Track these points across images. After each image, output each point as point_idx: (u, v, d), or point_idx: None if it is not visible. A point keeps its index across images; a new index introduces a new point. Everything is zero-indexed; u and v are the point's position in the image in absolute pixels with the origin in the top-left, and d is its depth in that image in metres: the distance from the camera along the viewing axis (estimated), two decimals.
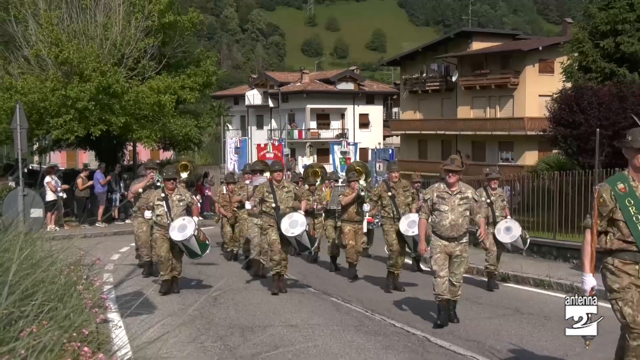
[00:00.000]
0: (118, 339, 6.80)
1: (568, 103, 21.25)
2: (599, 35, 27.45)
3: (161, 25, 26.60)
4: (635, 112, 19.71)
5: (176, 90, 26.45)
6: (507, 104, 48.54)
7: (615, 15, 26.96)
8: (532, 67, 47.09)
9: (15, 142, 16.79)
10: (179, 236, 10.72)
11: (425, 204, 9.06)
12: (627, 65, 26.16)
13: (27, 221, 10.89)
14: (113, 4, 26.16)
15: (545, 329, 8.94)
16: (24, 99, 22.12)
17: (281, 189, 11.57)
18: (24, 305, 3.98)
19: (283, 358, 7.51)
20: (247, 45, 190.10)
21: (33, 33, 25.68)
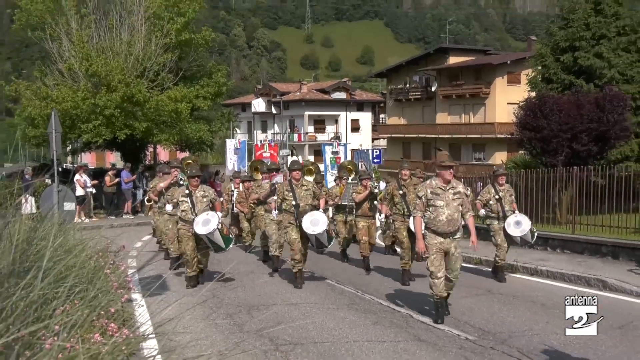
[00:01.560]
0: (140, 316, 6.78)
1: (532, 110, 21.25)
2: (559, 51, 27.48)
3: (178, 42, 26.61)
4: (590, 118, 19.79)
5: (191, 99, 26.48)
6: (480, 111, 48.58)
7: (573, 33, 27.00)
8: (501, 78, 47.18)
9: (51, 144, 16.78)
10: (203, 230, 9.85)
11: (420, 201, 8.04)
12: (583, 77, 26.21)
13: (60, 213, 10.86)
14: (136, 24, 26.16)
15: (512, 307, 8.96)
16: (58, 107, 22.10)
17: (300, 187, 10.63)
18: (58, 287, 3.97)
19: (284, 333, 7.50)
20: (253, 60, 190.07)
21: (66, 49, 25.68)
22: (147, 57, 25.83)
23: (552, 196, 15.57)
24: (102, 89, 24.44)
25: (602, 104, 20.06)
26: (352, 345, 7.05)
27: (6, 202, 6.33)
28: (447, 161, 8.04)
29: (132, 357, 4.04)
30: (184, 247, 10.43)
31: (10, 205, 5.30)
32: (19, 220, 4.81)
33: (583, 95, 21.23)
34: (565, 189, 15.09)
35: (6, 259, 3.86)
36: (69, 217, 12.81)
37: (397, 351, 6.81)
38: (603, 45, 26.37)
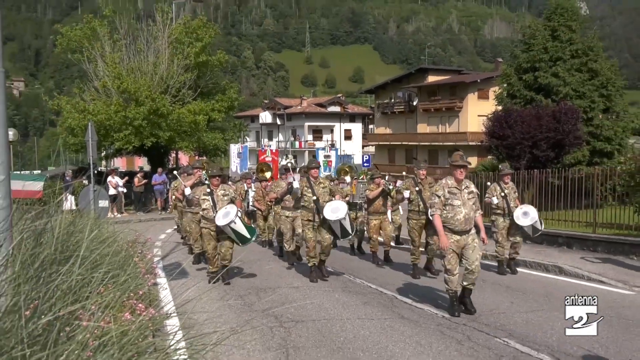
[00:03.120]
0: (164, 298, 6.79)
1: (499, 121, 21.30)
2: (522, 71, 27.55)
3: (196, 63, 26.67)
4: (548, 128, 19.83)
5: (208, 112, 26.57)
6: (454, 122, 48.62)
7: (533, 56, 27.07)
8: (473, 94, 47.25)
9: (88, 151, 16.76)
10: (225, 221, 8.93)
11: (439, 199, 7.29)
12: (542, 93, 26.27)
13: (96, 210, 10.86)
14: (161, 48, 26.22)
15: (481, 290, 8.93)
16: (94, 119, 22.14)
17: (318, 184, 9.83)
18: (93, 273, 3.96)
19: (287, 312, 7.50)
20: (260, 78, 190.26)
21: (101, 70, 25.74)
22: (170, 76, 25.90)
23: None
24: (131, 103, 24.52)
25: (558, 116, 20.11)
26: (345, 322, 7.05)
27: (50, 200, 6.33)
28: (460, 161, 7.35)
29: (157, 332, 4.04)
30: (205, 246, 9.67)
31: (53, 202, 5.29)
32: (60, 216, 4.80)
33: (542, 109, 21.30)
34: (527, 188, 15.09)
35: (49, 248, 3.86)
36: (103, 213, 12.81)
37: (384, 327, 6.81)
38: (559, 66, 26.44)
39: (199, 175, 11.32)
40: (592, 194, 13.33)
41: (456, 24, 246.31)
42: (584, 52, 26.96)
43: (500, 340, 6.25)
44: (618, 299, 8.25)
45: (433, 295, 8.55)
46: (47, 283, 3.13)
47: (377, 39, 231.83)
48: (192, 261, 11.32)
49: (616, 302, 8.04)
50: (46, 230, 4.06)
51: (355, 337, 6.43)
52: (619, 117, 27.52)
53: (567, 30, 27.21)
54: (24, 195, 12.56)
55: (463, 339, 6.30)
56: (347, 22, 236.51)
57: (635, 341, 6.14)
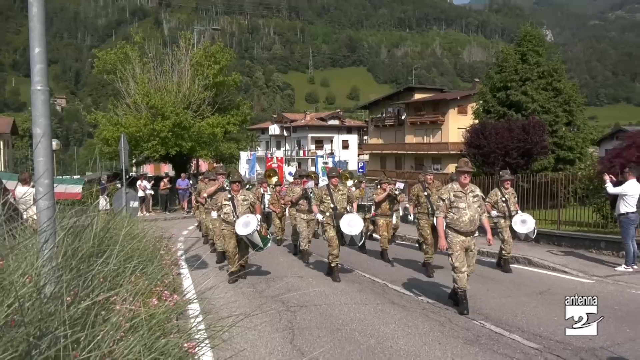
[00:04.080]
0: (187, 286, 6.80)
1: (476, 133, 21.31)
2: (495, 90, 27.64)
3: (215, 83, 26.75)
4: (518, 139, 19.85)
5: (224, 125, 26.62)
6: (437, 134, 48.63)
7: (506, 76, 27.17)
8: (453, 110, 47.31)
9: (121, 158, 16.79)
10: (244, 231, 8.38)
11: (443, 203, 6.81)
12: (513, 109, 26.36)
13: (128, 209, 10.87)
14: (184, 70, 26.30)
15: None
16: (126, 131, 22.20)
17: (337, 191, 9.14)
18: (126, 264, 3.97)
19: (293, 298, 7.50)
20: (269, 96, 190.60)
21: (132, 88, 25.79)
22: (192, 94, 26.00)
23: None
24: (158, 118, 24.57)
25: (527, 129, 20.14)
26: (343, 307, 7.04)
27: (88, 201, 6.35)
28: (464, 167, 6.80)
29: (180, 316, 4.04)
30: (226, 246, 9.04)
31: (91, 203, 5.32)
32: (97, 215, 4.81)
33: (513, 123, 21.31)
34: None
35: (88, 243, 3.86)
36: (134, 212, 12.83)
37: (377, 311, 6.81)
38: (528, 86, 26.51)
39: (222, 181, 10.83)
40: (556, 196, 13.32)
41: (439, 49, 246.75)
42: (549, 74, 27.05)
43: (477, 322, 6.25)
44: (579, 286, 8.24)
45: (419, 284, 8.54)
46: (86, 273, 3.13)
47: (370, 62, 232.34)
48: (216, 260, 10.86)
49: (577, 289, 8.03)
50: (85, 227, 4.06)
51: (352, 319, 6.43)
52: (580, 130, 27.60)
53: (535, 55, 27.31)
54: (66, 196, 12.59)
55: (445, 322, 6.30)
56: (344, 47, 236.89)
57: None
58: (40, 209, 3.62)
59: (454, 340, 5.57)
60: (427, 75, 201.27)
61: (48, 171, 3.73)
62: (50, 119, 3.83)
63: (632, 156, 10.75)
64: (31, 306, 2.41)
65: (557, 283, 8.55)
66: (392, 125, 54.23)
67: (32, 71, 3.79)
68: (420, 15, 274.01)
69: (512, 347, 5.36)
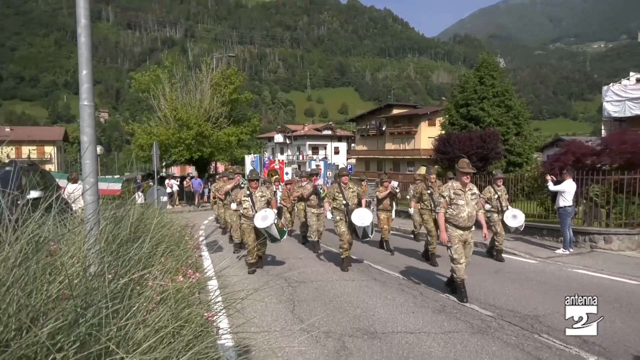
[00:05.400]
0: (207, 266, 6.77)
1: (443, 141, 21.29)
2: (458, 106, 27.69)
3: (230, 100, 26.73)
4: (477, 146, 19.86)
5: (238, 134, 26.63)
6: (411, 142, 48.70)
7: (467, 95, 27.23)
8: (424, 122, 47.39)
9: (153, 161, 16.75)
10: (262, 224, 7.66)
11: (444, 200, 6.15)
12: (473, 122, 26.40)
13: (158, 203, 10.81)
14: (205, 89, 26.29)
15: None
16: (157, 139, 22.21)
17: (347, 189, 8.37)
18: (157, 248, 3.95)
19: (294, 276, 7.48)
20: (275, 111, 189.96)
21: (162, 104, 25.76)
22: (211, 108, 25.99)
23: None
24: (184, 128, 24.58)
25: (484, 138, 20.14)
26: (335, 283, 7.03)
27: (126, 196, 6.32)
28: (467, 168, 6.14)
29: (202, 290, 4.02)
30: (246, 239, 8.14)
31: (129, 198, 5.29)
32: (133, 207, 4.78)
33: (473, 133, 21.34)
34: None
35: (126, 230, 3.84)
36: (163, 206, 12.76)
37: (362, 286, 6.80)
38: (484, 103, 26.57)
39: (238, 179, 10.25)
40: (508, 192, 13.34)
41: (413, 73, 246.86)
42: (502, 93, 27.13)
43: (444, 295, 6.25)
44: (526, 266, 8.25)
45: (396, 264, 8.53)
46: (123, 255, 3.11)
47: (357, 83, 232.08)
48: (233, 250, 10.04)
49: (524, 268, 8.05)
50: (123, 218, 4.04)
51: (341, 293, 6.41)
52: (527, 139, 27.70)
53: (490, 78, 27.38)
54: (108, 192, 12.52)
55: (417, 294, 6.30)
56: (336, 71, 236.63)
57: (537, 295, 6.14)
58: (86, 202, 3.61)
59: (424, 310, 5.57)
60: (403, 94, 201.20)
61: (93, 172, 3.71)
62: (95, 129, 3.81)
63: (569, 160, 10.78)
64: (78, 282, 2.39)
65: (508, 263, 8.56)
66: (375, 135, 54.26)
67: (80, 89, 3.77)
68: (397, 46, 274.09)
69: (471, 314, 5.36)
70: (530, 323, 5.03)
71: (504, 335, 4.67)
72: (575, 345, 4.34)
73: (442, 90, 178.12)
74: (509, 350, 4.27)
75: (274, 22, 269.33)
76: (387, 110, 54.17)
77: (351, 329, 4.88)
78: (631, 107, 28.63)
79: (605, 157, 10.48)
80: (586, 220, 10.50)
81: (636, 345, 4.26)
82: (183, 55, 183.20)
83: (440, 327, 4.94)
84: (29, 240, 2.32)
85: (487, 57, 29.05)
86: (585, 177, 10.28)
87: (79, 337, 2.07)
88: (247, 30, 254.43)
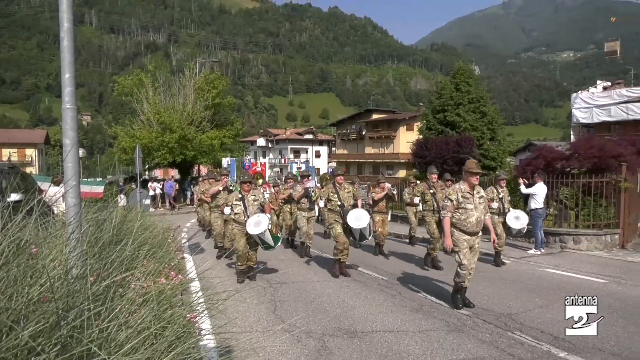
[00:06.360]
0: (189, 267, 6.70)
1: (420, 146, 21.59)
2: (436, 112, 27.99)
3: (213, 104, 26.50)
4: (453, 151, 20.13)
5: (221, 138, 26.41)
6: (390, 146, 49.09)
7: (443, 102, 27.54)
8: (403, 127, 47.80)
9: (136, 164, 16.53)
10: (255, 230, 6.98)
11: (451, 203, 5.56)
12: (449, 127, 26.71)
13: (141, 206, 10.64)
14: (188, 93, 26.03)
15: (411, 262, 8.99)
16: (140, 142, 21.94)
17: (343, 189, 7.75)
18: (139, 250, 3.89)
19: (275, 276, 7.46)
20: (257, 115, 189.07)
21: (145, 107, 25.44)
22: (194, 112, 25.73)
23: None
24: (167, 131, 24.27)
25: (460, 142, 20.47)
26: (315, 284, 7.03)
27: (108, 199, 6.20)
28: (475, 168, 5.60)
29: (184, 292, 3.98)
30: (236, 245, 7.27)
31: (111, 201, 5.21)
32: (116, 210, 4.71)
33: (449, 138, 21.65)
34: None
35: (108, 233, 3.78)
36: (146, 208, 12.59)
37: (342, 286, 6.81)
38: (460, 109, 26.92)
39: (225, 182, 9.52)
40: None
41: (392, 80, 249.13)
42: (477, 100, 27.54)
43: (421, 294, 6.30)
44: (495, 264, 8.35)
45: (375, 264, 8.57)
46: (106, 257, 3.06)
47: (338, 89, 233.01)
48: (216, 255, 9.33)
49: (498, 268, 8.16)
50: (106, 220, 3.98)
51: (322, 293, 6.42)
52: (500, 144, 28.15)
53: (466, 85, 27.77)
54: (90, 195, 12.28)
55: (396, 294, 6.34)
56: (317, 77, 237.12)
57: (511, 294, 6.23)
58: (68, 205, 3.54)
59: (402, 309, 5.60)
60: (382, 100, 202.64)
61: (75, 175, 3.65)
62: (77, 132, 3.75)
63: (540, 164, 10.99)
64: (60, 285, 2.35)
65: (482, 264, 8.70)
66: (355, 139, 54.50)
67: (63, 92, 3.70)
68: (377, 53, 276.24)
69: (448, 313, 5.42)
70: (504, 321, 5.11)
71: (479, 333, 4.74)
72: (547, 341, 4.43)
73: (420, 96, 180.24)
74: (484, 347, 4.33)
75: (256, 29, 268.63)
76: (367, 115, 54.50)
77: (332, 328, 4.89)
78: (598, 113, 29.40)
79: (574, 162, 10.72)
80: (556, 221, 10.73)
81: (602, 341, 4.37)
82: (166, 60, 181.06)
83: (418, 325, 4.98)
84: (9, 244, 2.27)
85: (462, 65, 29.47)
86: (556, 181, 10.51)
87: (60, 339, 2.03)
88: (230, 36, 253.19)
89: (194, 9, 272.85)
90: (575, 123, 26.92)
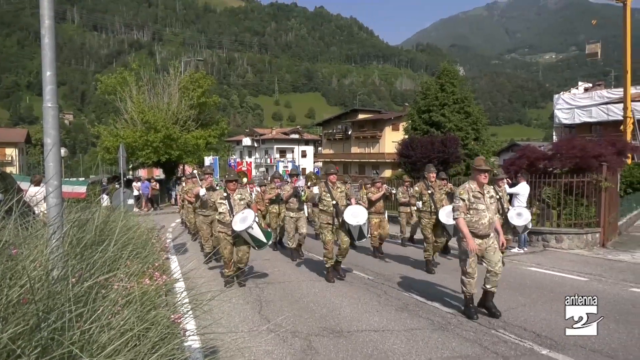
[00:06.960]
0: (174, 267, 6.64)
1: (406, 145, 21.64)
2: (421, 112, 28.16)
3: (198, 103, 26.24)
4: (438, 150, 20.28)
5: (206, 137, 26.15)
6: (376, 146, 49.28)
7: (429, 102, 27.73)
8: (389, 127, 48.02)
9: (119, 164, 16.32)
10: (242, 226, 6.52)
11: (463, 203, 5.16)
12: (435, 127, 26.91)
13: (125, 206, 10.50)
14: (173, 92, 25.72)
15: (397, 262, 9.03)
16: (124, 141, 21.66)
17: (335, 189, 7.26)
18: (122, 251, 3.84)
19: (262, 277, 7.43)
20: (243, 114, 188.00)
21: (129, 106, 25.07)
22: (179, 111, 25.45)
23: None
24: (151, 131, 23.95)
25: (445, 142, 20.60)
26: (301, 283, 7.02)
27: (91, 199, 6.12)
28: (484, 165, 5.24)
29: (168, 292, 3.94)
30: (222, 250, 6.88)
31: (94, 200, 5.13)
32: (99, 210, 4.64)
33: (434, 137, 21.76)
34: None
35: (91, 233, 3.72)
36: (130, 208, 12.44)
37: (328, 286, 6.82)
38: (445, 109, 27.15)
39: (210, 181, 9.02)
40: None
41: (377, 80, 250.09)
42: (462, 100, 27.79)
43: (406, 294, 6.34)
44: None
45: (361, 264, 8.59)
46: (88, 258, 3.02)
47: (324, 89, 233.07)
48: (204, 261, 8.47)
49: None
50: (88, 221, 3.92)
51: (308, 293, 6.41)
52: (485, 144, 28.47)
53: (451, 86, 28.00)
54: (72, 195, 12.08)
55: (381, 294, 6.36)
56: (303, 76, 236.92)
57: None
58: (49, 205, 3.48)
59: (388, 308, 5.63)
60: (368, 99, 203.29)
61: (57, 174, 3.59)
62: (59, 131, 3.69)
63: (523, 164, 11.14)
64: (41, 287, 2.30)
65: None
66: (341, 139, 54.61)
67: (44, 91, 3.64)
68: (363, 53, 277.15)
69: (433, 312, 5.47)
70: (487, 319, 5.16)
71: (463, 331, 4.78)
72: (529, 339, 4.49)
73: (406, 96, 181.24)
74: (468, 345, 4.37)
75: (242, 28, 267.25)
76: (353, 115, 54.65)
77: (317, 328, 4.89)
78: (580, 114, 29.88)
79: (556, 161, 10.89)
80: (539, 220, 10.89)
81: (583, 338, 4.45)
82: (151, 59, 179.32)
83: (403, 324, 5.01)
84: None
85: (447, 66, 29.72)
86: (538, 180, 10.66)
87: (41, 341, 2.00)
88: (215, 35, 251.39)
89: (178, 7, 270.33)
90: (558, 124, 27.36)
